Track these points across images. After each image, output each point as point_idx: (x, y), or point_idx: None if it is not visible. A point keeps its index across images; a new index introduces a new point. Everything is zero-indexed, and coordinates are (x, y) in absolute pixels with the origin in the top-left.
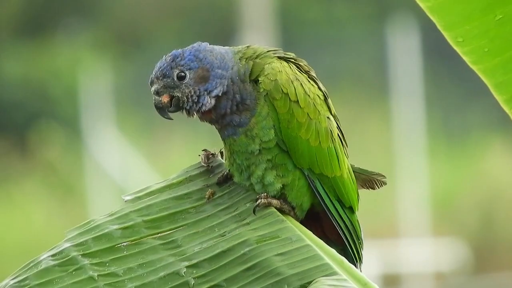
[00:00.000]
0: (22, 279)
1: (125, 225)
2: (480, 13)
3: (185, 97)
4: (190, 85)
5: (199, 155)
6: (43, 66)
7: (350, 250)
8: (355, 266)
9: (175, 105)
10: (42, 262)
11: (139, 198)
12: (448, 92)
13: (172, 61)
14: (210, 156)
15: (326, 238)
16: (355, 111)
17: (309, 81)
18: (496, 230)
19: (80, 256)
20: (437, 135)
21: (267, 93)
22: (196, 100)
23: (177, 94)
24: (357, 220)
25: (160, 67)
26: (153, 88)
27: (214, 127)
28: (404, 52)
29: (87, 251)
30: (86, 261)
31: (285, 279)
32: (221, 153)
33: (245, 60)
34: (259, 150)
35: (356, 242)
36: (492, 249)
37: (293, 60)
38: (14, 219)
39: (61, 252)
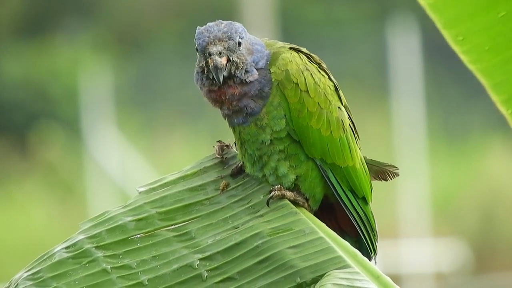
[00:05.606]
0: (35, 272)
1: (139, 217)
2: (483, 10)
3: (241, 63)
4: (243, 54)
5: (214, 146)
6: (43, 66)
7: (365, 241)
8: (370, 258)
9: (228, 70)
10: (56, 255)
11: (153, 189)
12: (448, 92)
13: (231, 27)
14: (225, 147)
15: (341, 230)
16: (355, 111)
17: (319, 71)
18: (496, 230)
19: (93, 248)
20: (437, 135)
21: (278, 83)
22: (246, 69)
23: (235, 59)
24: (371, 212)
25: (223, 30)
26: (215, 49)
27: (222, 115)
28: (404, 52)
29: (101, 243)
30: (99, 254)
31: (297, 272)
32: (236, 144)
33: (267, 48)
34: (271, 140)
35: (371, 234)
36: (492, 249)
37: (304, 52)
38: (14, 219)
39: (74, 244)
